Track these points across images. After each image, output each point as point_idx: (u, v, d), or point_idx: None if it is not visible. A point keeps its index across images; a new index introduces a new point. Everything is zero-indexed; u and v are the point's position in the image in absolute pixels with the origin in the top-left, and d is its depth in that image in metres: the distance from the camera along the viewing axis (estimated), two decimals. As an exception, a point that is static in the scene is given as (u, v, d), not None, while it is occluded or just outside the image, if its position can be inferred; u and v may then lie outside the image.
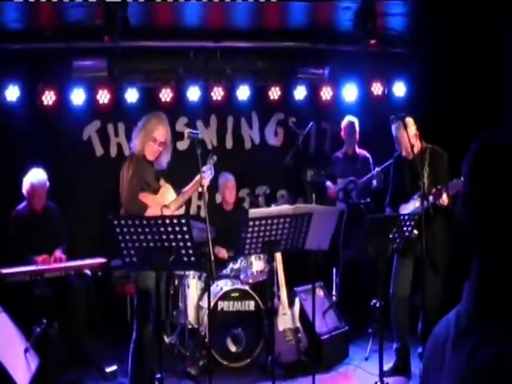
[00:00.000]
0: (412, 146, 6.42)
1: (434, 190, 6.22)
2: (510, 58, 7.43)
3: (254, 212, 5.67)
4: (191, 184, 6.12)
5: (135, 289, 5.88)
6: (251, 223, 5.27)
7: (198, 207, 9.23)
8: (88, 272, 7.03)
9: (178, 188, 6.35)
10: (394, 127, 6.72)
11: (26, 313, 6.51)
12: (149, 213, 5.76)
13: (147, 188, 5.97)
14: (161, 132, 6.03)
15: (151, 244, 4.84)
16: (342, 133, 8.69)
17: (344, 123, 8.67)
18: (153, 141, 5.99)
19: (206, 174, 6.09)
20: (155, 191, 6.05)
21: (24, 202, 7.37)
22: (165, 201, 6.01)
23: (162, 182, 6.28)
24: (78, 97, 8.41)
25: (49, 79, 8.35)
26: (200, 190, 5.99)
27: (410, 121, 6.57)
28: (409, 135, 6.39)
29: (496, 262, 1.56)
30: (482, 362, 1.47)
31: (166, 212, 5.90)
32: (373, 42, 7.77)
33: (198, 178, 5.99)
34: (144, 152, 6.02)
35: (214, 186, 8.29)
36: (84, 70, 8.12)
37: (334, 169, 8.70)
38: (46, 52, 7.90)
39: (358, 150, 8.70)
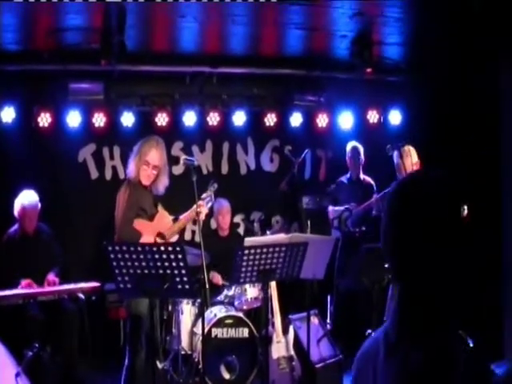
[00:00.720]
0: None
1: None
2: (506, 86, 7.46)
3: (249, 241, 5.66)
4: (188, 212, 6.11)
5: (128, 314, 5.85)
6: (247, 252, 5.25)
7: (193, 232, 9.18)
8: (81, 296, 6.95)
9: (172, 213, 6.34)
10: (395, 155, 6.77)
11: (17, 336, 6.44)
12: (142, 240, 5.75)
13: (143, 214, 5.96)
14: (154, 155, 6.01)
15: (146, 271, 4.82)
16: (347, 158, 8.66)
17: (348, 148, 8.65)
18: (146, 164, 5.98)
19: (206, 200, 6.09)
20: (151, 217, 6.03)
21: (16, 225, 7.32)
22: (160, 228, 5.99)
23: (159, 207, 6.26)
24: (73, 119, 8.39)
25: (45, 101, 8.35)
26: (196, 217, 5.99)
27: (411, 149, 6.63)
28: (411, 163, 6.43)
29: (412, 287, 1.79)
30: (414, 364, 1.71)
31: (161, 241, 5.90)
32: (369, 70, 7.80)
33: (195, 206, 5.98)
34: (139, 177, 6.00)
35: (209, 212, 8.27)
36: (80, 93, 8.12)
37: (338, 194, 8.66)
38: (43, 74, 7.91)
39: (363, 176, 8.69)
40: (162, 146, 6.16)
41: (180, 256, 4.74)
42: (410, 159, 6.51)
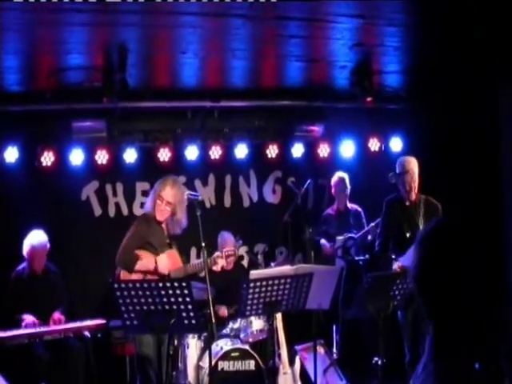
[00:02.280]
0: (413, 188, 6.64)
1: None
2: (506, 113, 7.50)
3: (255, 273, 5.67)
4: (201, 261, 6.28)
5: (134, 352, 5.87)
6: (252, 284, 5.26)
7: (197, 266, 9.17)
8: (87, 334, 6.95)
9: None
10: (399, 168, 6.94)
11: (24, 376, 6.44)
12: (141, 264, 5.85)
13: (149, 247, 6.04)
14: (168, 192, 6.19)
15: (152, 307, 4.85)
16: (333, 189, 8.73)
17: (334, 179, 8.71)
18: (160, 200, 6.15)
19: (219, 260, 6.28)
20: (157, 252, 6.11)
21: (24, 263, 7.34)
22: (161, 266, 6.11)
23: (174, 248, 6.38)
24: (76, 157, 8.42)
25: (48, 140, 8.38)
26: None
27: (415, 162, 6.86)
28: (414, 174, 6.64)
29: (444, 325, 1.99)
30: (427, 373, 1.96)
31: (160, 261, 5.98)
32: (369, 99, 7.85)
33: (210, 261, 6.30)
34: (154, 212, 6.11)
35: (213, 244, 8.30)
36: (83, 131, 8.16)
37: (328, 226, 8.70)
38: (46, 114, 7.96)
39: (350, 205, 8.73)
40: (178, 185, 6.40)
41: (186, 291, 4.76)
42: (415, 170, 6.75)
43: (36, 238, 7.25)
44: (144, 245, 6.03)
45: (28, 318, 6.87)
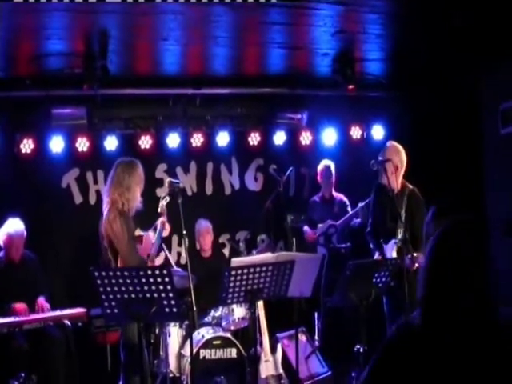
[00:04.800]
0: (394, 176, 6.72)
1: (409, 255, 6.28)
2: (487, 100, 7.52)
3: (236, 261, 5.65)
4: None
5: (123, 342, 5.86)
6: (234, 272, 5.24)
7: (178, 254, 9.14)
8: (68, 322, 6.87)
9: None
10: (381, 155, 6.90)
11: (3, 366, 6.39)
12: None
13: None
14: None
15: (133, 295, 4.80)
16: (319, 177, 8.76)
17: (320, 167, 8.73)
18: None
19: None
20: (140, 241, 6.11)
21: (1, 252, 7.27)
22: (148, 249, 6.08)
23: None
24: (56, 145, 8.34)
25: (27, 127, 8.30)
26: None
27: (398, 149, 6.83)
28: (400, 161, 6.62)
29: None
30: None
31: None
32: (351, 87, 7.85)
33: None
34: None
35: (193, 233, 8.29)
36: (63, 118, 8.09)
37: (312, 213, 8.74)
38: (25, 100, 7.88)
39: (335, 194, 8.75)
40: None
41: (167, 279, 4.73)
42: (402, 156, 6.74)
43: (12, 226, 7.16)
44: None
45: (19, 306, 6.81)
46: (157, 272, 4.74)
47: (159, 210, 6.14)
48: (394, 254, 6.54)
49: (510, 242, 6.85)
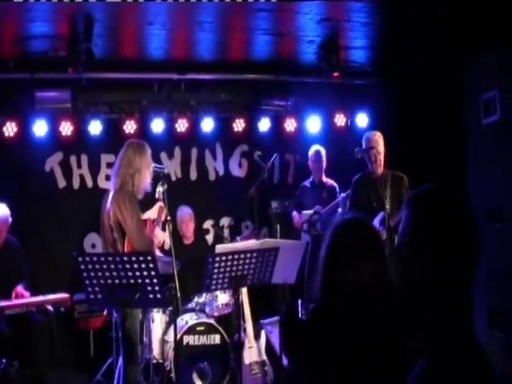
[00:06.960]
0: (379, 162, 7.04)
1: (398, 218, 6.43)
2: (471, 89, 7.53)
3: (220, 247, 5.66)
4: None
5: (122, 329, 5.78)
6: (218, 259, 5.24)
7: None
8: (50, 308, 6.83)
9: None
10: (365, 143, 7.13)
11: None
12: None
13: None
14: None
15: (116, 281, 4.78)
16: (310, 162, 8.75)
17: (310, 152, 8.73)
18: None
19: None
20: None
21: (-16, 238, 7.21)
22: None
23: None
24: (40, 128, 8.28)
25: (11, 110, 8.23)
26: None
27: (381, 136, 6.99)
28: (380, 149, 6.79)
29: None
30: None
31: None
32: (336, 74, 7.86)
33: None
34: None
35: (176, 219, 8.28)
36: (47, 102, 8.02)
37: (302, 198, 8.74)
38: (8, 83, 7.80)
39: (325, 179, 8.75)
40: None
41: (151, 265, 4.72)
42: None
43: (-3, 211, 7.11)
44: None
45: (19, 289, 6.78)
46: (141, 258, 4.72)
47: (156, 195, 6.06)
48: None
49: (493, 229, 6.90)
